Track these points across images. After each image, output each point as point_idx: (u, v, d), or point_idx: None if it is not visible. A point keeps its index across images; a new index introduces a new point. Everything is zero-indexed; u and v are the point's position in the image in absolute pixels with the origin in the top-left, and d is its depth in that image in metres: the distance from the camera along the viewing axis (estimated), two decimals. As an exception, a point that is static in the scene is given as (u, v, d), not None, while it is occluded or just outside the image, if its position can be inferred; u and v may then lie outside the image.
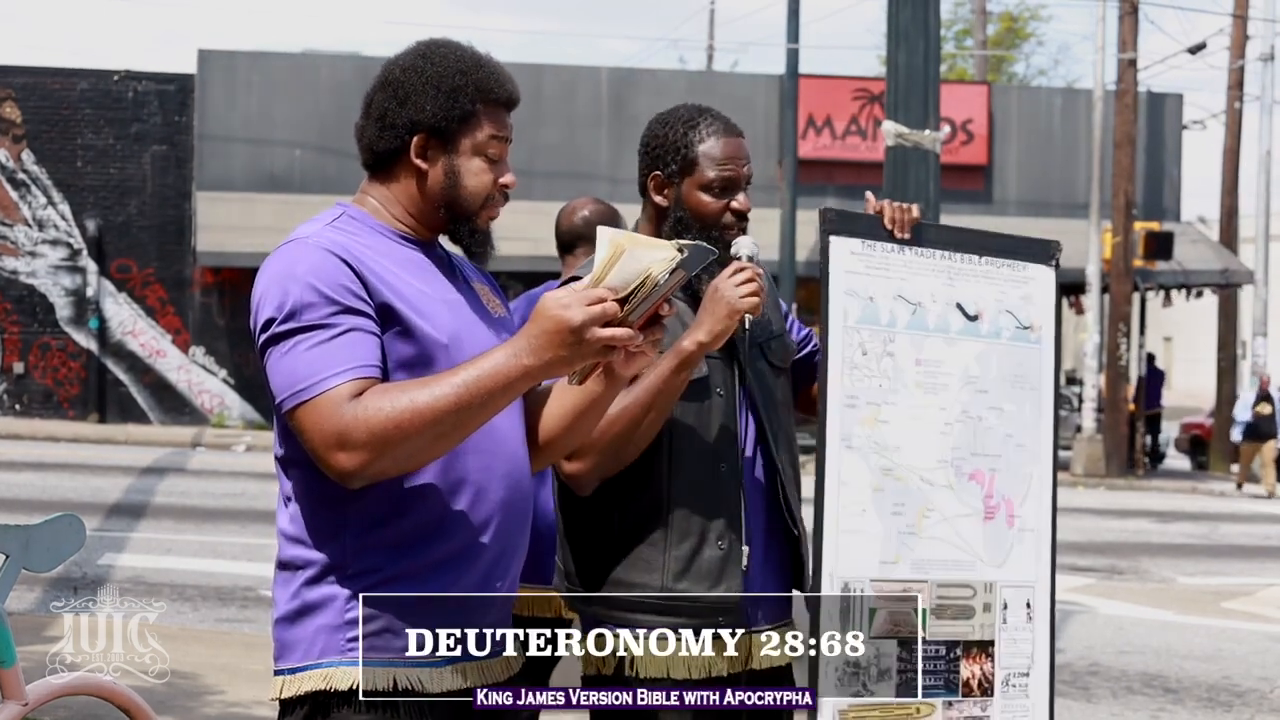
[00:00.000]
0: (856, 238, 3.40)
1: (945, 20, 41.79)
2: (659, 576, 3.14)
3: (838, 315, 3.34)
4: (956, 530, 3.40)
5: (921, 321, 3.43)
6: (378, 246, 2.52)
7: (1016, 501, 3.48)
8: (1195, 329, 42.03)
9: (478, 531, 2.50)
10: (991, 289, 3.52)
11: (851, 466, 3.31)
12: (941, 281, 3.46)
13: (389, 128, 2.56)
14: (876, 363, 3.37)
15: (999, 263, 3.55)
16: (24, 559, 3.84)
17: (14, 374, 23.09)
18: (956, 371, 3.44)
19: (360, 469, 2.34)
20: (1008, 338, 3.53)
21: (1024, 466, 3.50)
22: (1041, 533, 3.51)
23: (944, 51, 28.60)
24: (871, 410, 3.34)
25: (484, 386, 2.34)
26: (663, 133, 3.25)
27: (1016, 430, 3.50)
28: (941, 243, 3.49)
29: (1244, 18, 26.10)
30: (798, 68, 22.91)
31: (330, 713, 2.44)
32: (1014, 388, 3.51)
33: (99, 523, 11.90)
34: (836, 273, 3.36)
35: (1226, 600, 11.25)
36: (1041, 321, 3.59)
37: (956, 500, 3.41)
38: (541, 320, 2.34)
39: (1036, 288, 3.60)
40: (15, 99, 23.19)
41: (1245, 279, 25.05)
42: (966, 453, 3.43)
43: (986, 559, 3.42)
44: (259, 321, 2.43)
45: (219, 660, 7.01)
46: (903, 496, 3.35)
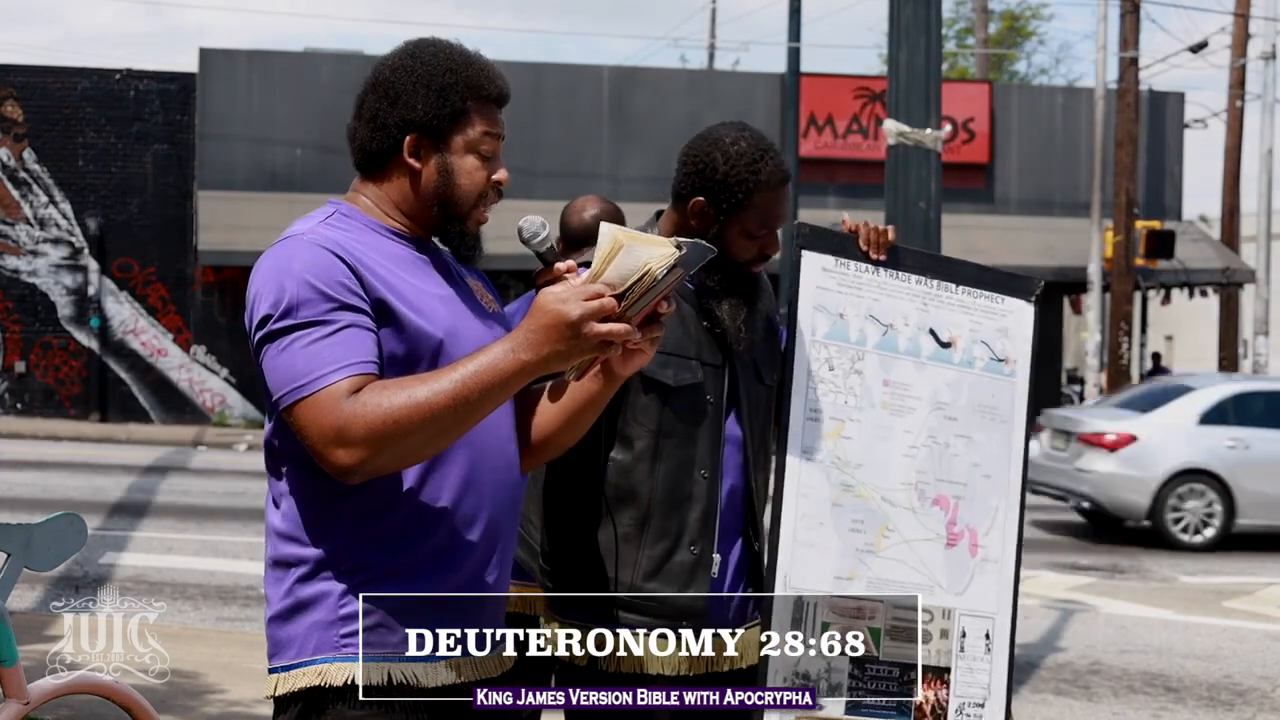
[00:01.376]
0: (830, 254, 3.41)
1: (947, 19, 41.80)
2: (630, 573, 3.16)
3: (805, 329, 3.36)
4: (916, 553, 3.39)
5: (892, 343, 3.43)
6: (372, 243, 2.53)
7: (980, 531, 3.48)
8: (1196, 328, 42.02)
9: (469, 527, 2.51)
10: (966, 318, 3.53)
11: (811, 478, 3.31)
12: (915, 306, 3.47)
13: (381, 128, 2.56)
14: (843, 379, 3.38)
15: (977, 294, 3.55)
16: (25, 558, 3.85)
17: (15, 373, 23.10)
18: (925, 396, 3.44)
19: (359, 465, 2.34)
20: (980, 368, 3.53)
21: (990, 498, 3.50)
22: (1005, 565, 3.50)
23: (946, 50, 28.56)
24: (835, 425, 3.35)
25: (482, 381, 2.34)
26: (725, 169, 3.17)
27: (984, 460, 3.50)
28: (919, 268, 3.50)
29: (1245, 16, 26.10)
30: (799, 66, 22.89)
31: (326, 709, 2.45)
32: (984, 418, 3.51)
33: (100, 522, 11.91)
34: (807, 287, 3.37)
35: (1228, 599, 11.25)
36: (1017, 356, 3.59)
37: (918, 524, 3.40)
38: (539, 315, 2.34)
39: (1014, 321, 3.60)
40: (16, 98, 23.20)
41: (1246, 278, 25.05)
42: (931, 477, 3.42)
43: (946, 585, 3.42)
44: (255, 318, 2.43)
45: (220, 659, 7.01)
46: (862, 514, 3.35)
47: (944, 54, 12.89)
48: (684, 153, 3.27)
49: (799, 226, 3.43)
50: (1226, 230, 26.47)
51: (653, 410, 3.17)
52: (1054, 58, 76.64)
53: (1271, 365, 25.00)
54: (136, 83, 23.60)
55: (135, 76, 23.70)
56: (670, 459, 3.17)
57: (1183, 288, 25.51)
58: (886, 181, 9.31)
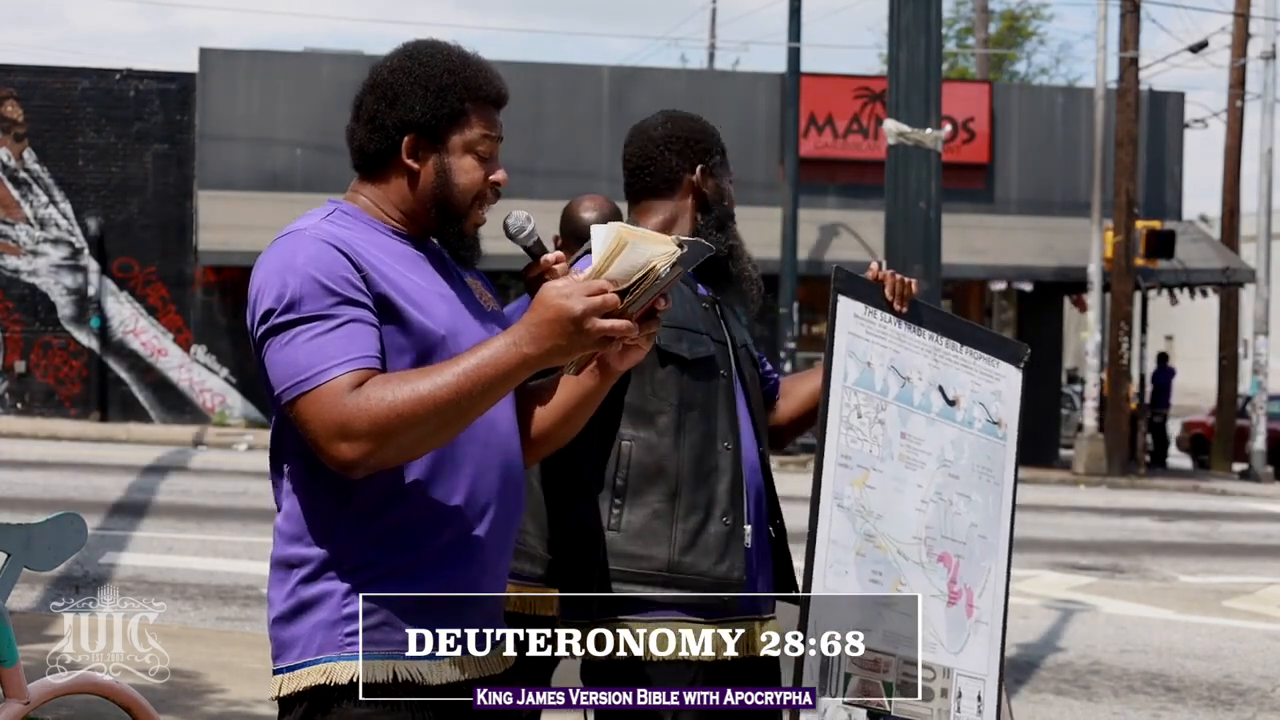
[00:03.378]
0: (862, 303, 3.43)
1: (947, 19, 41.78)
2: (666, 549, 3.16)
3: (839, 374, 3.36)
4: (923, 609, 3.38)
5: (908, 396, 3.45)
6: (374, 240, 2.53)
7: (976, 592, 3.49)
8: (1197, 328, 42.03)
9: (474, 524, 2.51)
10: (969, 378, 3.56)
11: (840, 526, 3.31)
12: (928, 361, 3.49)
13: (379, 129, 2.57)
14: (869, 428, 3.38)
15: (976, 354, 3.58)
16: (26, 558, 3.85)
17: (16, 373, 23.10)
18: (934, 452, 3.46)
19: (362, 459, 2.34)
20: (979, 429, 3.56)
21: (984, 559, 3.51)
22: (994, 628, 3.51)
23: (945, 50, 28.57)
24: (861, 474, 3.36)
25: (484, 375, 2.35)
26: (697, 125, 3.37)
27: (980, 521, 3.52)
28: (932, 324, 3.52)
29: (1245, 16, 26.09)
30: (799, 66, 22.90)
31: (331, 708, 2.45)
32: (982, 479, 3.54)
33: (100, 521, 11.91)
34: (841, 333, 3.38)
35: (1228, 599, 11.25)
36: (1008, 420, 3.62)
37: (926, 580, 3.41)
38: (542, 309, 2.35)
39: (1005, 385, 3.63)
40: (17, 98, 23.20)
41: (1246, 278, 25.04)
42: (938, 534, 3.43)
43: (946, 644, 3.42)
44: (258, 313, 2.43)
45: (220, 659, 7.01)
46: (881, 565, 3.35)
47: (944, 54, 12.89)
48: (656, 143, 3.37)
49: (836, 270, 3.44)
50: (1226, 230, 26.45)
51: (671, 383, 3.20)
52: (1054, 58, 76.70)
53: (1271, 365, 24.99)
54: (136, 83, 23.60)
55: (135, 76, 23.69)
56: (694, 431, 3.19)
57: (1183, 287, 25.49)
58: (886, 181, 9.31)
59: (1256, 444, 24.12)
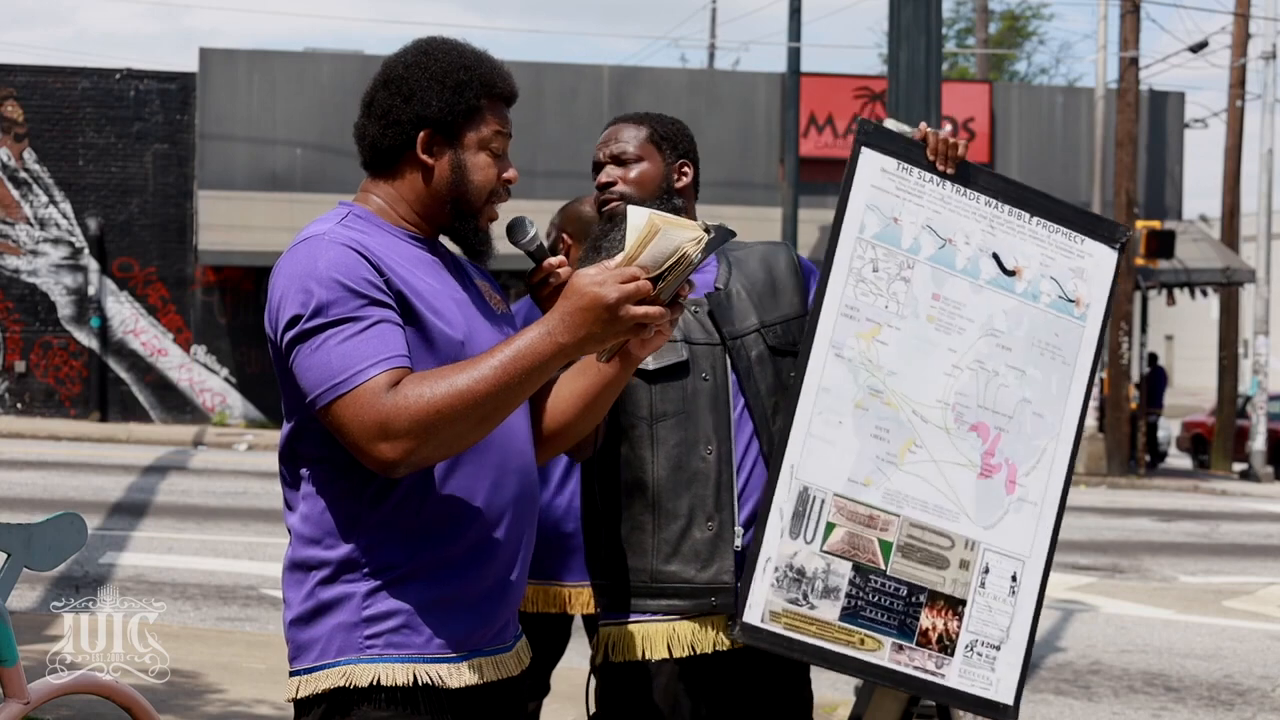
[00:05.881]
0: (893, 157, 3.33)
1: (947, 18, 41.79)
2: (648, 560, 3.16)
3: (853, 226, 3.28)
4: (944, 475, 3.28)
5: (948, 258, 3.33)
6: (387, 244, 2.52)
7: (1022, 470, 3.35)
8: (1197, 327, 42.03)
9: (493, 526, 2.50)
10: (1037, 250, 3.41)
11: (836, 374, 3.22)
12: (981, 227, 3.36)
13: (394, 124, 2.55)
14: (887, 284, 3.29)
15: (1053, 228, 3.44)
16: (26, 558, 3.84)
17: (15, 373, 23.09)
18: (978, 319, 3.33)
19: (404, 457, 2.33)
20: (1046, 304, 3.41)
21: (1038, 438, 3.37)
22: (1046, 510, 3.37)
23: (945, 50, 28.57)
24: (871, 327, 3.26)
25: (521, 366, 2.34)
26: (680, 124, 3.43)
27: (1037, 398, 3.37)
28: (990, 190, 3.39)
29: (1246, 16, 26.09)
30: (799, 66, 22.88)
31: (350, 710, 2.44)
32: (1044, 356, 3.39)
33: (101, 521, 11.90)
34: (860, 185, 3.30)
35: (1228, 599, 11.25)
36: (1090, 300, 3.47)
37: (951, 446, 3.29)
38: (575, 297, 2.35)
39: (1092, 265, 3.48)
40: (17, 98, 23.19)
41: (1247, 278, 25.04)
42: (973, 403, 3.31)
43: (974, 515, 3.30)
44: (282, 321, 2.40)
45: (220, 659, 7.01)
46: (889, 423, 3.25)
47: (944, 54, 12.88)
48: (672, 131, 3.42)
49: (862, 123, 3.36)
50: (1226, 230, 26.45)
51: (640, 396, 3.18)
52: (1054, 58, 76.59)
53: (1271, 365, 24.99)
54: (136, 83, 23.59)
55: (135, 76, 23.69)
56: (668, 440, 3.17)
57: (1183, 287, 25.50)
58: (887, 181, 9.30)
59: (1256, 444, 24.13)
